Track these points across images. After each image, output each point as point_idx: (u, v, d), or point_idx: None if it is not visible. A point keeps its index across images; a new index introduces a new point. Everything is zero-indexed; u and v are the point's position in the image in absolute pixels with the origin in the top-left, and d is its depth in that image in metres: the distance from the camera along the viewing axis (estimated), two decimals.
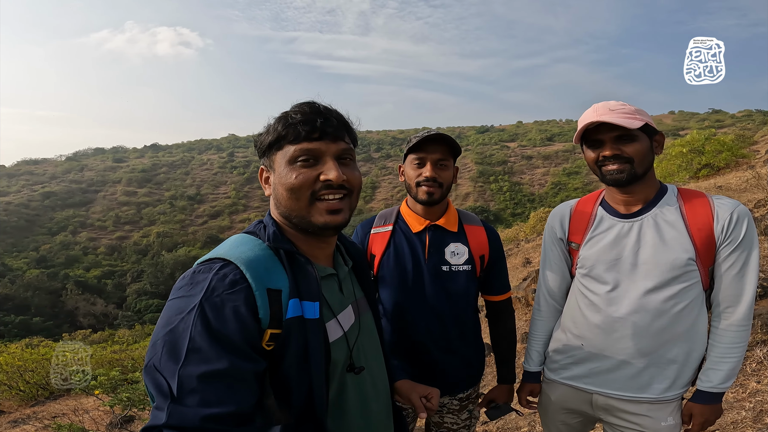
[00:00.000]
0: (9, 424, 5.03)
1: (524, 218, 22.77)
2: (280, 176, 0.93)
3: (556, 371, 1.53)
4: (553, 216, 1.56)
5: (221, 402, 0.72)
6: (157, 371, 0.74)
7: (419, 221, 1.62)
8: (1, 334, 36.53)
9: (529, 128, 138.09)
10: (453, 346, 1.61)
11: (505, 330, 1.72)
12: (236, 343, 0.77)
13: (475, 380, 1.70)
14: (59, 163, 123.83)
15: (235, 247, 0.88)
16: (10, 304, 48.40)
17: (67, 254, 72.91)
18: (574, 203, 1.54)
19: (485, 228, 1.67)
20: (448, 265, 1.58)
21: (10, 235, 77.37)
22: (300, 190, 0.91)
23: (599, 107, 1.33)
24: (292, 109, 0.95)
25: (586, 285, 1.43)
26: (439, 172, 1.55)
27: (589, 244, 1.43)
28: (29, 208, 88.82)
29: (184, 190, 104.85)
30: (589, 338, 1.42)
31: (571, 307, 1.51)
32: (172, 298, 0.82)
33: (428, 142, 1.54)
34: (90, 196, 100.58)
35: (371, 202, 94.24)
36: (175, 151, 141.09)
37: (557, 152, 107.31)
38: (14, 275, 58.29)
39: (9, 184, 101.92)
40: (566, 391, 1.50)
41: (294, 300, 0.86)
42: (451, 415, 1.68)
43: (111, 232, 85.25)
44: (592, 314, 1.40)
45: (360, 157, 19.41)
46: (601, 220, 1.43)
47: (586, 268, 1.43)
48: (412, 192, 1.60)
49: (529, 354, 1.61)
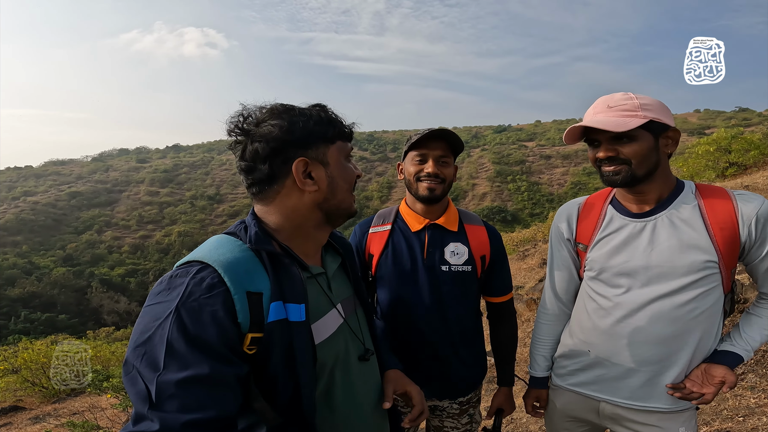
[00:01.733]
0: (29, 420, 5.15)
1: (542, 218, 22.43)
2: (342, 169, 0.99)
3: (562, 377, 1.47)
4: (559, 215, 1.48)
5: (202, 407, 0.71)
6: (137, 374, 0.73)
7: (418, 220, 1.59)
8: (27, 331, 37.74)
9: (548, 127, 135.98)
10: (453, 348, 1.58)
11: (505, 331, 1.69)
12: (215, 348, 0.76)
13: (475, 384, 1.66)
14: (85, 164, 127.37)
15: (213, 249, 0.86)
16: (37, 302, 50.06)
17: (93, 253, 74.97)
18: (582, 201, 1.44)
19: (486, 228, 1.64)
20: (447, 265, 1.54)
21: (38, 234, 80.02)
22: (353, 182, 1.03)
23: (599, 103, 1.24)
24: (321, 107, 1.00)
25: (595, 288, 1.35)
26: (441, 169, 1.52)
27: (598, 246, 1.34)
28: (56, 208, 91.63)
29: (204, 190, 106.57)
30: (596, 344, 1.35)
31: (578, 311, 1.44)
32: (149, 303, 0.80)
33: (430, 139, 1.52)
34: (115, 195, 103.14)
35: (387, 201, 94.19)
36: (195, 151, 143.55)
37: (577, 151, 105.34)
38: (41, 273, 60.22)
39: (37, 184, 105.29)
40: (572, 398, 1.44)
41: (276, 303, 0.84)
42: (451, 420, 1.65)
43: (134, 231, 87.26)
44: (600, 319, 1.33)
45: (376, 157, 19.58)
46: (611, 220, 1.33)
47: (594, 271, 1.34)
48: (412, 188, 1.56)
49: (534, 359, 1.56)
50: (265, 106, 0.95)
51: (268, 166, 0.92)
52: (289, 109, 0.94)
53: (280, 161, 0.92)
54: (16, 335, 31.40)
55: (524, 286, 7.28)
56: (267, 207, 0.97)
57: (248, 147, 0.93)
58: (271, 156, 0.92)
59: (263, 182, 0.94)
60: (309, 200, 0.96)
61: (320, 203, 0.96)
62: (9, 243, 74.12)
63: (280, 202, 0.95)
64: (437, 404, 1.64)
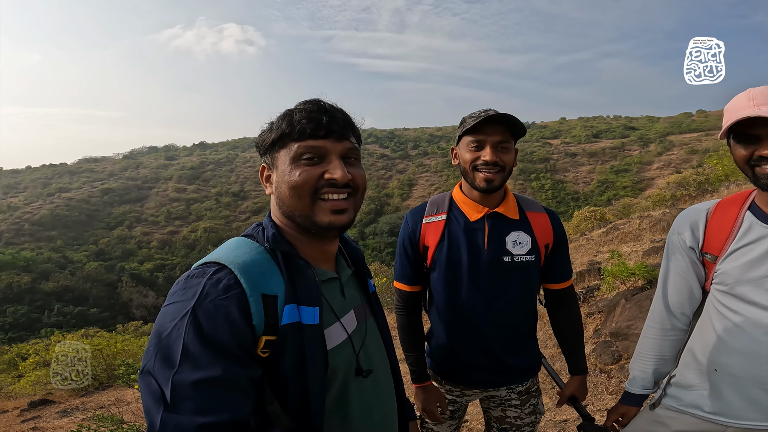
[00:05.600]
0: (57, 414, 5.31)
1: (567, 217, 21.89)
2: (284, 174, 0.91)
3: (679, 399, 1.33)
4: (681, 221, 1.33)
5: (216, 410, 0.71)
6: (151, 376, 0.73)
7: (477, 209, 1.50)
8: (60, 324, 39.31)
9: (573, 125, 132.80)
10: (513, 339, 1.54)
11: (570, 318, 1.63)
12: (230, 349, 0.76)
13: (534, 370, 1.64)
14: (117, 161, 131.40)
15: (230, 251, 0.87)
16: (70, 295, 52.01)
17: (123, 248, 77.36)
18: (711, 206, 1.29)
19: (548, 214, 1.57)
20: (510, 256, 1.48)
21: (72, 229, 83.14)
22: (303, 187, 0.89)
23: (757, 94, 1.10)
24: (296, 106, 0.94)
25: (726, 304, 1.21)
26: (500, 155, 1.42)
27: (733, 257, 1.20)
28: (89, 204, 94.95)
29: (228, 186, 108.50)
30: (725, 364, 1.22)
31: (703, 328, 1.30)
32: (166, 303, 0.81)
33: (487, 123, 1.40)
34: (144, 192, 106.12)
35: (408, 199, 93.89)
36: (220, 149, 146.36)
37: (604, 149, 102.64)
38: (74, 267, 62.58)
39: (71, 180, 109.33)
40: (690, 422, 1.30)
41: (291, 306, 0.84)
42: (513, 409, 1.61)
43: (163, 227, 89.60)
44: (732, 338, 1.20)
45: (397, 154, 19.40)
46: (749, 229, 1.18)
47: (726, 285, 1.21)
48: (468, 177, 1.48)
49: (633, 374, 1.46)
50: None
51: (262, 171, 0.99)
52: (281, 115, 0.95)
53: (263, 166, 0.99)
54: (49, 328, 32.75)
55: None
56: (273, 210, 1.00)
57: None
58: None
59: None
60: (274, 206, 0.97)
61: (280, 209, 0.95)
62: (44, 238, 77.33)
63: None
64: (494, 394, 1.61)
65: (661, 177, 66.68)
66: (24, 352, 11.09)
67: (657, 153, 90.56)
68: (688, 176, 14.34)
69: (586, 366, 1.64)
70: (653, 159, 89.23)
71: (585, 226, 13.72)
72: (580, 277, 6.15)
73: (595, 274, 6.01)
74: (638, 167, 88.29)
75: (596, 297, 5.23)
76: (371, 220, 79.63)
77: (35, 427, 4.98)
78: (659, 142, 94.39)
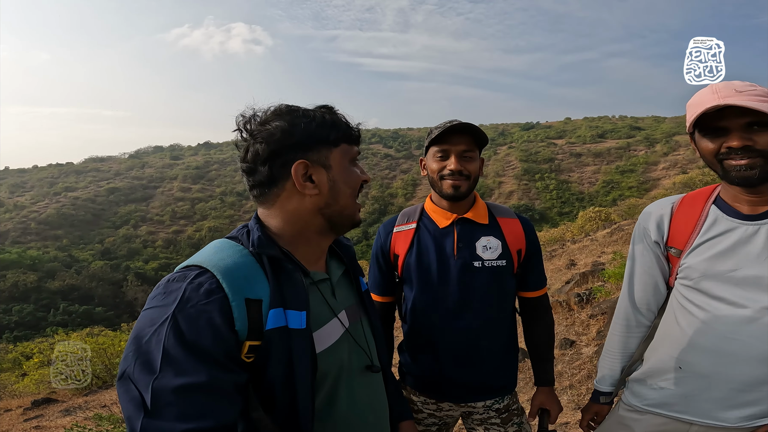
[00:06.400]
0: (60, 413, 5.34)
1: (572, 218, 21.79)
2: (345, 173, 0.96)
3: (642, 397, 1.31)
4: (646, 215, 1.31)
5: (200, 416, 0.70)
6: (131, 382, 0.72)
7: (445, 216, 1.51)
8: (65, 323, 39.56)
9: (579, 125, 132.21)
10: (487, 348, 1.50)
11: (542, 328, 1.61)
12: (213, 355, 0.74)
13: (510, 386, 1.59)
14: (123, 161, 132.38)
15: (213, 254, 0.85)
16: (76, 294, 52.41)
17: (129, 247, 77.93)
18: (676, 200, 1.27)
19: (520, 220, 1.56)
20: (480, 261, 1.46)
21: (78, 228, 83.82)
22: (358, 187, 0.99)
23: (720, 87, 1.07)
24: (327, 109, 0.97)
25: (691, 299, 1.19)
26: (465, 164, 1.44)
27: (698, 251, 1.17)
28: (95, 203, 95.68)
29: (233, 186, 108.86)
30: (690, 362, 1.20)
31: (667, 324, 1.28)
32: (145, 308, 0.79)
33: (451, 133, 1.43)
34: (150, 191, 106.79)
35: (412, 199, 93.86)
36: (225, 148, 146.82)
37: (609, 149, 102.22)
38: (80, 266, 63.08)
39: (77, 180, 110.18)
40: (656, 421, 1.28)
41: (276, 310, 0.83)
42: (496, 428, 1.56)
43: (168, 226, 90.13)
44: (697, 334, 1.17)
45: (401, 154, 19.49)
46: (714, 222, 1.16)
47: (691, 280, 1.19)
48: (436, 186, 1.50)
49: (602, 372, 1.44)
50: (272, 107, 0.94)
51: (268, 168, 0.90)
52: (293, 110, 0.92)
53: (280, 163, 0.90)
54: (54, 327, 32.97)
55: (550, 288, 7.07)
56: (268, 210, 0.94)
57: (250, 148, 0.91)
58: (270, 158, 0.90)
59: (264, 184, 0.92)
60: (310, 204, 0.93)
61: (322, 208, 0.94)
62: (50, 237, 78.01)
63: (280, 206, 0.93)
64: (472, 410, 1.57)
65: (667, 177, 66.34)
66: (28, 352, 11.15)
67: (663, 153, 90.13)
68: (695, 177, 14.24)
69: (553, 378, 1.62)
70: (659, 159, 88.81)
71: (590, 226, 13.65)
72: (584, 279, 6.12)
73: (599, 275, 5.98)
74: (644, 167, 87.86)
75: (599, 299, 5.19)
76: (375, 219, 79.60)
77: (38, 425, 5.00)
78: (665, 143, 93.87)
